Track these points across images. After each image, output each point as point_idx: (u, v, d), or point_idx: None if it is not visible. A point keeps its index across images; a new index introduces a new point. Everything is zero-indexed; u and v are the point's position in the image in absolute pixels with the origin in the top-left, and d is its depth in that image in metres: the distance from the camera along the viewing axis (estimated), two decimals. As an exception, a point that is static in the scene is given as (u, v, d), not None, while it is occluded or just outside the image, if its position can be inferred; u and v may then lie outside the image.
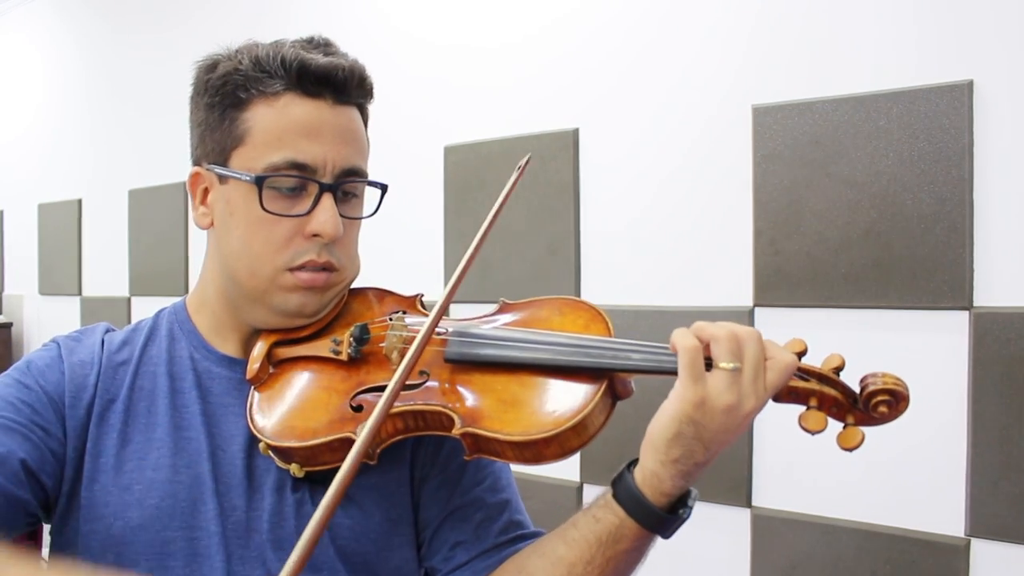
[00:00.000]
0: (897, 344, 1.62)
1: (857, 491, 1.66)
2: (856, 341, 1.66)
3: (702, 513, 1.84)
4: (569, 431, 0.79)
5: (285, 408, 0.90)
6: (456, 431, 0.82)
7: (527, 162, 0.97)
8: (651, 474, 0.78)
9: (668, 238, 1.93)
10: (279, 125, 0.88)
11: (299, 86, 0.89)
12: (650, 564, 0.84)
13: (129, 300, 3.28)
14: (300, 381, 0.92)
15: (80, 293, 3.52)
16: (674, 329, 0.79)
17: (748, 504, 1.80)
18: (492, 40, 2.23)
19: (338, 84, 0.90)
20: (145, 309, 3.17)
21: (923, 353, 1.58)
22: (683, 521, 0.80)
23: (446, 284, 0.90)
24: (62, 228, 3.59)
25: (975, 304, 1.55)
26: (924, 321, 1.59)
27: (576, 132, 2.06)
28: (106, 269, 3.37)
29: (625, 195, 2.00)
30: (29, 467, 0.85)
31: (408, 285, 1.04)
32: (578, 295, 2.05)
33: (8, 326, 3.92)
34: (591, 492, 2.02)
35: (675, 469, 0.77)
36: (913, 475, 1.60)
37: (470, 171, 2.25)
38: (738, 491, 1.80)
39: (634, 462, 0.81)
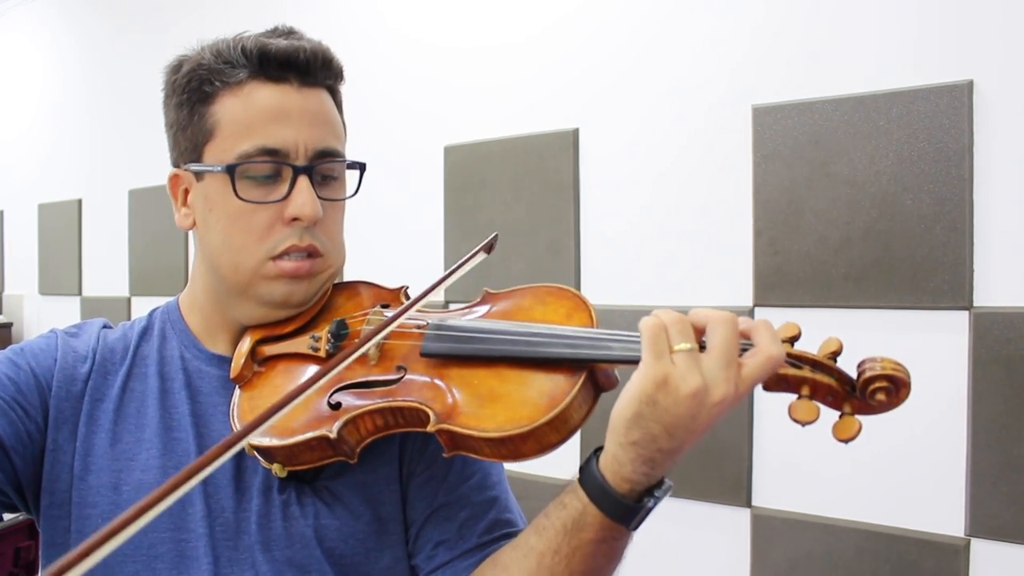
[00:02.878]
0: (897, 344, 1.62)
1: (857, 491, 1.66)
2: (856, 341, 1.64)
3: (702, 513, 1.86)
4: (545, 425, 0.76)
5: (266, 407, 0.89)
6: (431, 427, 0.80)
7: (494, 239, 0.94)
8: (612, 458, 0.74)
9: (668, 238, 1.93)
10: (246, 113, 0.87)
11: (262, 72, 0.88)
12: (651, 564, 0.83)
13: (129, 300, 3.27)
14: (282, 379, 0.91)
15: (80, 293, 3.51)
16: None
17: (748, 504, 1.79)
18: (492, 40, 2.23)
19: (301, 66, 0.89)
20: (145, 309, 3.16)
21: (923, 353, 1.58)
22: (647, 511, 0.75)
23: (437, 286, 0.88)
24: (62, 228, 3.59)
25: (975, 304, 1.54)
26: (924, 321, 1.59)
27: (576, 132, 2.06)
28: (106, 269, 3.37)
29: (625, 195, 2.00)
30: (3, 443, 0.84)
31: (408, 285, 1.04)
32: (578, 295, 2.05)
33: (8, 326, 3.91)
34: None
35: (634, 452, 0.72)
36: (913, 475, 1.60)
37: (470, 171, 2.25)
38: (738, 491, 1.80)
39: (602, 447, 0.77)
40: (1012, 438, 1.50)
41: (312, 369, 0.90)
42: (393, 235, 2.40)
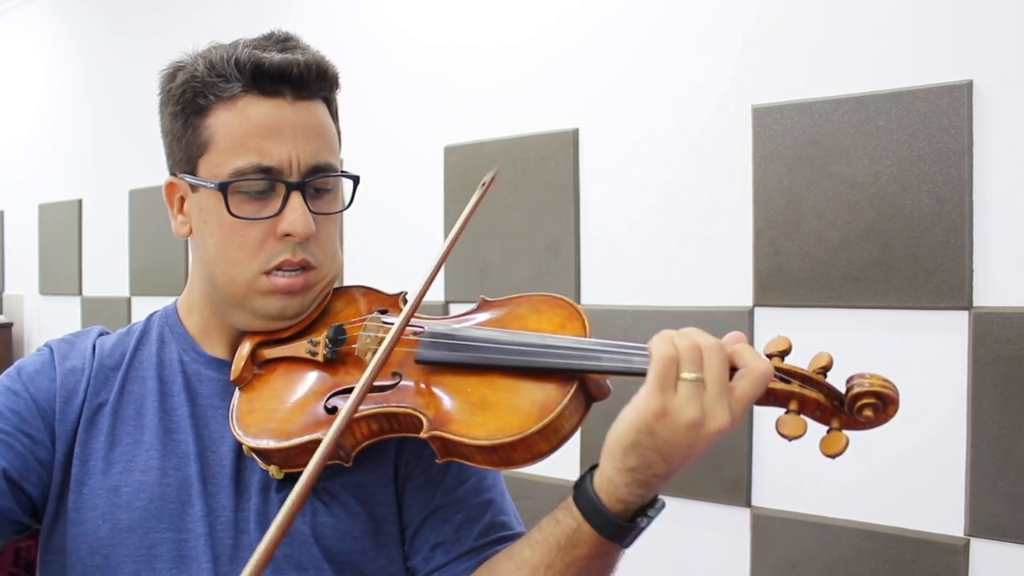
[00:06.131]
0: (897, 344, 1.62)
1: (857, 491, 1.66)
2: (856, 341, 1.66)
3: (702, 513, 1.86)
4: (536, 434, 0.77)
5: (264, 409, 0.90)
6: (424, 434, 0.81)
7: (492, 179, 0.95)
8: (607, 480, 0.75)
9: (668, 238, 1.93)
10: (240, 129, 0.87)
11: (256, 86, 0.88)
12: (651, 564, 0.84)
13: (129, 300, 3.28)
14: (280, 382, 0.92)
15: (80, 293, 3.52)
16: (660, 331, 0.76)
17: (748, 504, 1.80)
18: (492, 40, 2.23)
19: (295, 80, 0.89)
20: (145, 309, 3.16)
21: (923, 353, 1.58)
22: (641, 531, 0.76)
23: (432, 285, 0.88)
24: (62, 228, 3.60)
25: (975, 304, 1.55)
26: (924, 321, 1.59)
27: (576, 132, 2.06)
28: (106, 269, 3.37)
29: (625, 195, 2.00)
30: (11, 477, 0.86)
31: (407, 286, 1.04)
32: (578, 295, 2.05)
33: (8, 326, 3.92)
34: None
35: (631, 477, 0.74)
36: (913, 475, 1.60)
37: (470, 171, 2.25)
38: (738, 491, 1.80)
39: (596, 466, 0.78)
40: (1012, 438, 1.50)
41: (311, 374, 0.92)
42: (393, 235, 2.40)
